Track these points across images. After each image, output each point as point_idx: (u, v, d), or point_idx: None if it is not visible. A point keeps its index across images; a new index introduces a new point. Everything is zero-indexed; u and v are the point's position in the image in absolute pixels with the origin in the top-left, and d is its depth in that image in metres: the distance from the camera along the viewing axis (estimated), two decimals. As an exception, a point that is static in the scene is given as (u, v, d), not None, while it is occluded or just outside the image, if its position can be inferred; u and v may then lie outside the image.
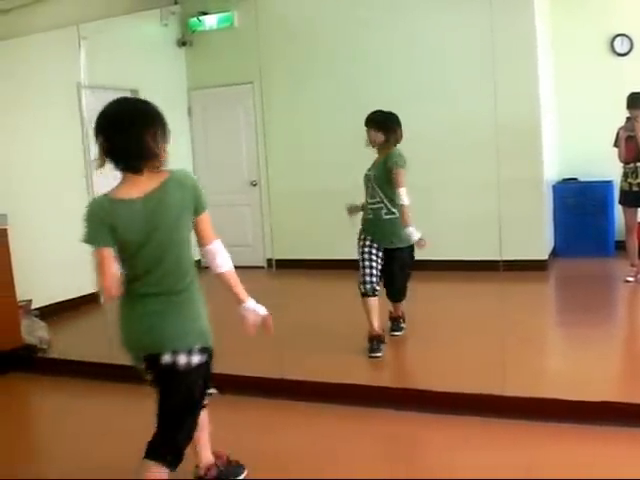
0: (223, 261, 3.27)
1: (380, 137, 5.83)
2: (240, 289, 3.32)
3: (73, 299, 7.74)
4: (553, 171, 9.03)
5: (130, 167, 3.05)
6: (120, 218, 3.03)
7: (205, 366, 3.20)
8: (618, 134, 7.41)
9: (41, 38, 6.76)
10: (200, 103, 9.80)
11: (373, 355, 5.68)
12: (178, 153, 3.49)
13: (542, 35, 8.50)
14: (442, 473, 3.85)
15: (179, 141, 9.52)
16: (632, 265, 7.50)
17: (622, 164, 7.46)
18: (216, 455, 3.78)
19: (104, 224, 3.05)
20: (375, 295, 5.77)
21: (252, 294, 3.44)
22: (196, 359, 3.13)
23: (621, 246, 8.05)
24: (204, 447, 3.69)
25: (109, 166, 3.09)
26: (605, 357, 5.41)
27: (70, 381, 5.76)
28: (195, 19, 9.60)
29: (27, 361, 6.16)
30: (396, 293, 6.11)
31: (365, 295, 5.76)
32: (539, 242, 8.32)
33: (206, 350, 3.19)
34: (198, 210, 3.15)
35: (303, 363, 5.49)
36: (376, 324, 5.78)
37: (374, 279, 5.76)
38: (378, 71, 8.63)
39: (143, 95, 3.41)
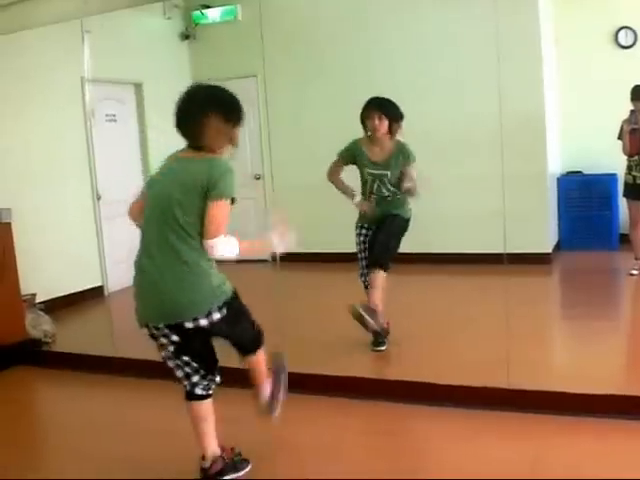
0: (226, 251, 3.43)
1: (385, 125, 5.46)
2: (255, 247, 3.93)
3: (77, 292, 7.75)
4: (557, 164, 9.02)
5: (190, 144, 3.43)
6: (159, 169, 3.54)
7: (227, 316, 3.42)
8: (622, 127, 7.39)
9: (44, 32, 6.74)
10: (204, 96, 9.76)
11: (376, 349, 5.63)
12: (182, 146, 3.50)
13: (546, 28, 8.48)
14: (448, 466, 3.85)
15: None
16: (636, 258, 7.49)
17: (626, 157, 7.45)
18: (221, 448, 3.77)
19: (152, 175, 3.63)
20: None
21: (257, 288, 3.51)
22: (217, 315, 3.38)
23: (625, 239, 8.04)
24: (210, 438, 3.68)
25: (108, 161, 3.25)
26: (610, 350, 5.41)
27: (74, 374, 5.77)
28: (198, 12, 9.60)
29: (32, 355, 6.17)
30: (373, 257, 5.50)
31: (367, 287, 5.62)
32: (543, 235, 8.31)
33: (224, 304, 3.41)
34: (208, 194, 3.27)
35: (306, 356, 5.49)
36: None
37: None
38: (382, 65, 8.62)
39: (147, 88, 3.47)
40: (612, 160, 8.04)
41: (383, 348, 5.63)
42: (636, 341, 5.78)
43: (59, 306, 7.22)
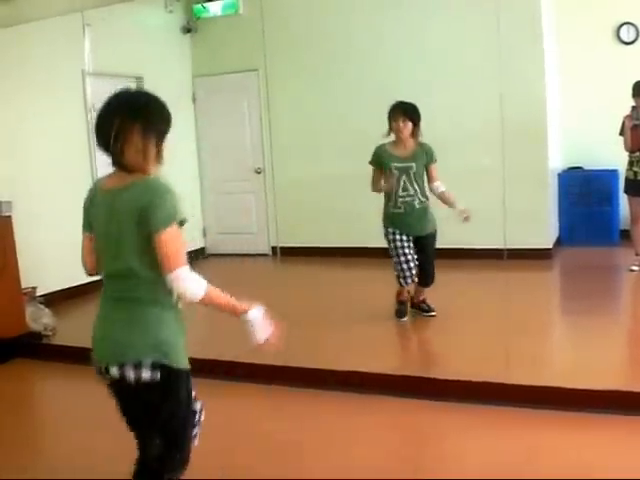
0: (192, 289, 2.75)
1: (409, 127, 5.89)
2: (229, 305, 2.85)
3: (78, 286, 7.72)
4: (558, 160, 9.02)
5: (115, 163, 2.80)
6: (91, 205, 2.99)
7: (163, 386, 2.77)
8: (624, 123, 7.38)
9: (45, 25, 6.75)
10: (204, 90, 9.78)
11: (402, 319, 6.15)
12: (183, 141, 3.48)
13: (548, 24, 8.47)
14: (447, 459, 3.86)
15: (183, 129, 9.51)
16: (637, 254, 7.49)
17: (627, 153, 7.44)
18: None
19: (85, 210, 3.05)
20: (414, 282, 6.12)
21: (257, 281, 3.46)
22: (147, 375, 2.73)
23: (626, 235, 8.04)
24: None
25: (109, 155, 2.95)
26: (609, 346, 5.41)
27: (74, 368, 5.76)
28: (200, 6, 9.58)
29: (32, 348, 6.18)
30: (429, 279, 6.16)
31: (403, 285, 6.09)
32: (544, 231, 8.31)
33: (161, 367, 2.75)
34: (147, 227, 2.67)
35: (307, 351, 5.50)
36: (405, 293, 6.21)
37: (413, 272, 5.98)
38: (383, 59, 8.61)
39: (148, 82, 3.37)
40: (613, 156, 8.03)
41: (405, 319, 6.17)
42: (636, 336, 5.79)
43: (59, 299, 7.23)
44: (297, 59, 9.12)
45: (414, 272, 5.97)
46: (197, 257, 9.30)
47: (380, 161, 6.04)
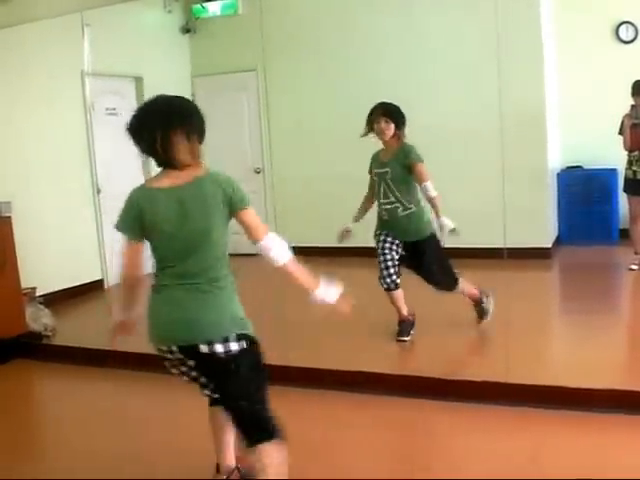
0: (277, 255, 3.25)
1: (391, 129, 5.56)
2: (303, 279, 3.39)
3: (77, 286, 7.76)
4: (557, 159, 9.02)
5: (165, 164, 3.15)
6: (150, 205, 3.12)
7: (248, 353, 3.13)
8: (623, 122, 7.39)
9: (45, 25, 6.74)
10: (204, 90, 9.76)
11: (400, 339, 5.70)
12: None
13: (547, 23, 8.47)
14: (448, 459, 3.86)
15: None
16: (636, 253, 7.49)
17: (627, 152, 7.44)
18: (237, 459, 3.64)
19: (135, 212, 3.15)
20: (397, 288, 5.73)
21: (255, 282, 3.46)
22: (235, 346, 3.07)
23: (625, 234, 8.04)
24: (227, 449, 3.55)
25: (108, 155, 3.08)
26: (609, 345, 5.41)
27: (74, 368, 5.78)
28: (199, 6, 9.58)
29: (31, 348, 6.18)
30: (443, 285, 5.73)
31: (387, 290, 5.75)
32: (543, 230, 8.31)
33: (244, 337, 3.13)
34: (235, 207, 3.17)
35: (308, 350, 5.51)
36: (404, 310, 5.78)
37: (392, 274, 5.69)
38: (382, 58, 8.61)
39: (148, 82, 3.41)
40: (612, 155, 8.04)
41: (407, 338, 5.72)
42: (636, 335, 5.79)
43: (59, 299, 7.22)
44: (296, 59, 9.11)
45: (393, 275, 5.67)
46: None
47: (370, 167, 5.84)
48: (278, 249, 3.26)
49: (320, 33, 8.98)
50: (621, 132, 7.41)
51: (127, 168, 8.59)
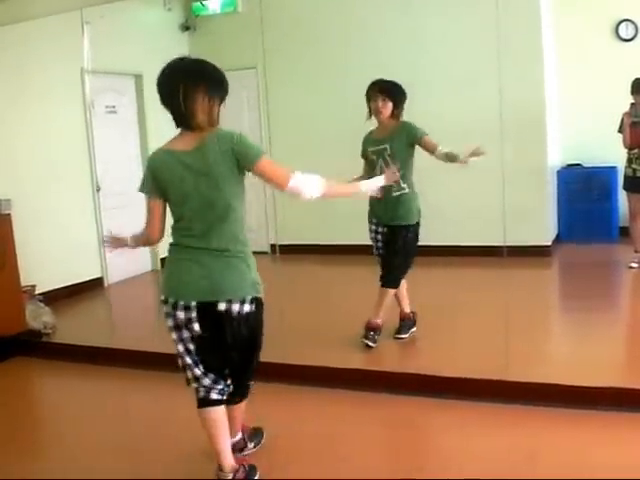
0: (309, 193, 3.35)
1: (389, 108, 5.35)
2: (344, 192, 3.87)
3: (77, 284, 7.76)
4: (557, 157, 9.02)
5: (182, 124, 3.29)
6: (165, 167, 3.28)
7: (255, 314, 3.41)
8: (622, 120, 7.39)
9: (45, 23, 6.74)
10: (204, 88, 9.76)
11: (398, 336, 5.66)
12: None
13: (546, 21, 8.47)
14: (446, 458, 3.86)
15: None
16: (636, 251, 7.50)
17: (626, 150, 7.45)
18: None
19: (152, 174, 3.31)
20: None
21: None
22: (247, 308, 3.35)
23: (625, 232, 8.04)
24: (227, 447, 3.55)
25: (108, 153, 3.11)
26: (608, 343, 5.41)
27: (74, 366, 5.78)
28: (198, 3, 9.58)
29: (31, 346, 6.18)
30: (387, 277, 5.52)
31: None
32: (543, 228, 8.31)
33: (256, 300, 3.40)
34: (248, 160, 3.29)
35: (307, 348, 5.51)
36: (406, 308, 5.75)
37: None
38: (382, 56, 8.59)
39: (146, 80, 3.45)
40: (612, 153, 8.04)
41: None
42: (636, 333, 5.79)
43: (59, 297, 7.23)
44: (296, 57, 9.11)
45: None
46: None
47: (363, 149, 5.59)
48: (307, 188, 3.34)
49: (320, 30, 8.98)
50: (621, 130, 7.41)
51: (127, 166, 8.62)
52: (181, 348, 3.41)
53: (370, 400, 4.66)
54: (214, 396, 3.46)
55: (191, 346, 3.39)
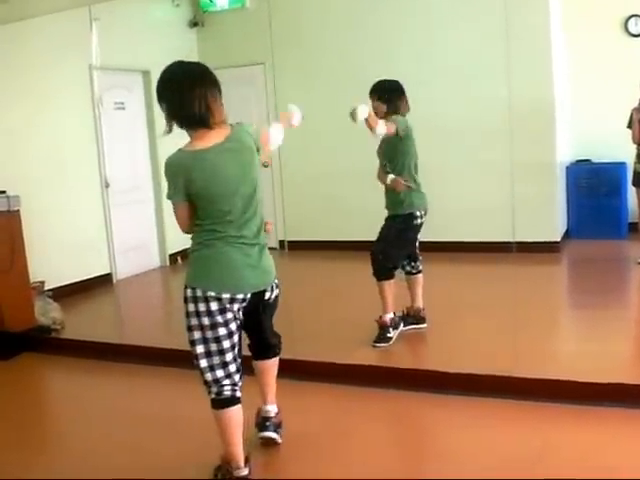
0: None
1: (382, 108, 5.57)
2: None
3: (86, 280, 7.78)
4: (566, 153, 8.99)
5: (200, 123, 3.37)
6: (195, 167, 3.33)
7: (278, 296, 3.73)
8: (632, 115, 7.37)
9: (53, 19, 6.75)
10: (212, 84, 9.76)
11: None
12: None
13: (556, 17, 8.44)
14: (454, 454, 3.85)
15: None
16: (645, 247, 7.49)
17: (635, 145, 7.42)
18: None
19: (179, 177, 3.35)
20: (409, 274, 5.72)
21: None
22: (276, 292, 3.68)
23: (634, 228, 8.03)
24: (242, 443, 3.53)
25: (116, 149, 3.09)
26: (617, 339, 5.40)
27: (83, 361, 5.79)
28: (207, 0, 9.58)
29: (40, 342, 6.19)
30: (375, 264, 5.49)
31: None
32: (552, 224, 8.29)
33: (277, 285, 3.70)
34: (257, 143, 3.60)
35: (314, 343, 5.51)
36: (417, 302, 5.75)
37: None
38: (391, 53, 8.59)
39: (155, 76, 3.39)
40: (621, 149, 8.02)
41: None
42: (644, 330, 5.78)
43: (68, 293, 7.25)
44: (304, 52, 9.10)
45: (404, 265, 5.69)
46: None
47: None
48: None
49: (328, 26, 8.97)
50: (630, 126, 7.39)
51: (135, 162, 8.63)
52: (213, 347, 3.39)
53: (377, 396, 4.66)
54: (238, 394, 3.46)
55: (226, 343, 3.41)
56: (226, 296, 3.37)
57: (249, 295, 3.46)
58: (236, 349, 3.47)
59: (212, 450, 3.67)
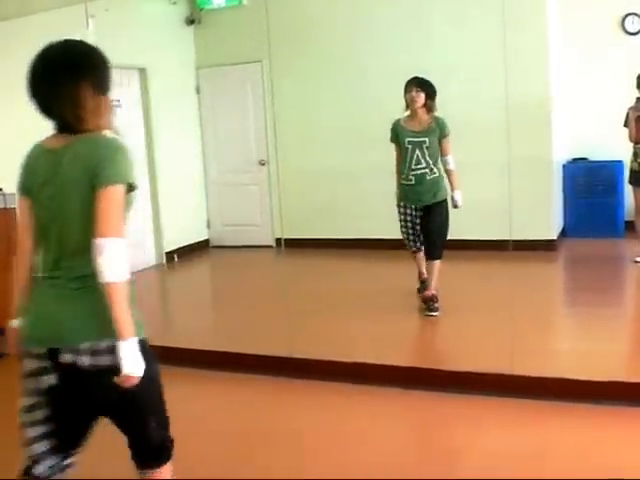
0: (104, 266, 2.35)
1: (422, 98, 6.12)
2: (121, 316, 2.36)
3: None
4: (563, 151, 9.00)
5: (57, 125, 2.66)
6: (28, 165, 2.79)
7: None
8: (628, 114, 7.37)
9: (49, 16, 6.73)
10: (208, 82, 9.77)
11: (429, 314, 6.08)
12: (186, 132, 3.47)
13: (552, 14, 8.44)
14: (451, 452, 3.85)
15: (187, 120, 9.51)
16: (641, 245, 7.49)
17: (632, 144, 7.43)
18: None
19: (21, 171, 2.80)
20: (420, 250, 6.35)
21: (261, 273, 3.45)
22: (106, 360, 2.41)
23: (630, 226, 8.03)
24: None
25: None
26: (614, 337, 5.41)
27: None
28: (203, -3, 9.56)
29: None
30: (436, 249, 6.24)
31: (414, 252, 6.43)
32: (548, 222, 8.30)
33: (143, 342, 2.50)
34: (94, 183, 2.43)
35: (311, 342, 5.50)
36: (424, 269, 6.39)
37: (417, 239, 6.33)
38: (388, 51, 8.59)
39: (152, 73, 3.32)
40: (618, 147, 8.03)
41: (436, 314, 6.07)
42: (641, 328, 5.79)
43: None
44: (301, 51, 9.10)
45: (418, 239, 6.32)
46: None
47: (396, 135, 6.28)
48: (114, 256, 2.37)
49: (326, 24, 8.96)
50: (626, 124, 7.40)
51: (131, 160, 8.60)
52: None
53: (375, 394, 4.66)
54: (40, 469, 2.71)
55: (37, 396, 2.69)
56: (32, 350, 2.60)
57: (43, 351, 2.54)
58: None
59: (206, 456, 3.65)
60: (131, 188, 2.51)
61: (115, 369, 2.35)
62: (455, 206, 6.16)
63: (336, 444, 4.00)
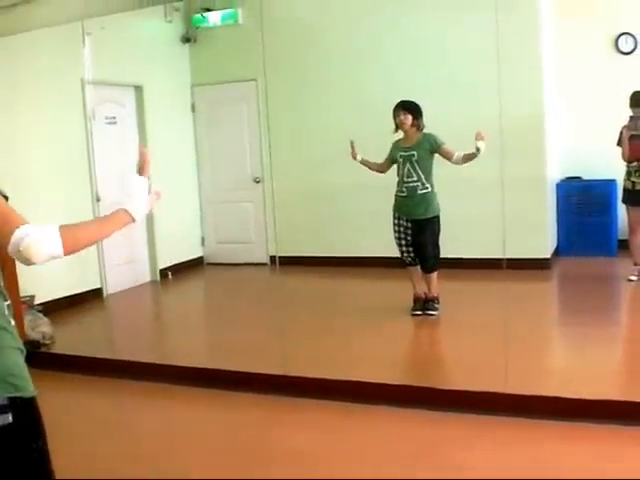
0: (48, 248, 2.28)
1: (409, 119, 6.56)
2: (99, 231, 2.47)
3: (76, 294, 7.75)
4: (556, 170, 9.03)
5: None
6: None
7: (15, 426, 2.18)
8: (622, 133, 7.40)
9: (45, 33, 6.75)
10: (204, 100, 9.80)
11: (414, 313, 6.56)
12: (181, 150, 3.48)
13: (546, 33, 8.49)
14: (444, 471, 3.85)
15: (182, 138, 9.53)
16: (635, 264, 7.50)
17: (625, 163, 7.46)
18: None
19: None
20: (415, 264, 6.69)
21: (255, 291, 3.45)
22: None
23: (624, 245, 8.04)
24: None
25: (108, 164, 2.86)
26: (607, 356, 5.42)
27: (73, 377, 5.77)
28: (199, 15, 9.60)
29: (30, 357, 6.12)
30: (428, 262, 6.61)
31: (408, 265, 6.74)
32: (542, 240, 8.32)
33: (10, 404, 2.19)
34: None
35: (306, 360, 5.50)
36: (417, 287, 6.70)
37: (409, 251, 6.65)
38: (382, 69, 8.63)
39: (148, 91, 3.34)
40: (611, 166, 8.05)
41: (420, 313, 6.56)
42: (634, 347, 5.78)
43: (58, 308, 7.21)
44: (296, 69, 9.13)
45: (411, 253, 6.65)
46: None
47: (391, 154, 6.74)
48: (43, 243, 2.26)
49: (320, 43, 9.00)
50: (620, 143, 7.42)
51: (126, 176, 8.61)
52: None
53: (368, 413, 4.65)
54: None
55: None
56: None
57: None
58: None
59: (203, 465, 3.66)
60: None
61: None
62: (477, 149, 6.30)
63: (331, 462, 3.99)
